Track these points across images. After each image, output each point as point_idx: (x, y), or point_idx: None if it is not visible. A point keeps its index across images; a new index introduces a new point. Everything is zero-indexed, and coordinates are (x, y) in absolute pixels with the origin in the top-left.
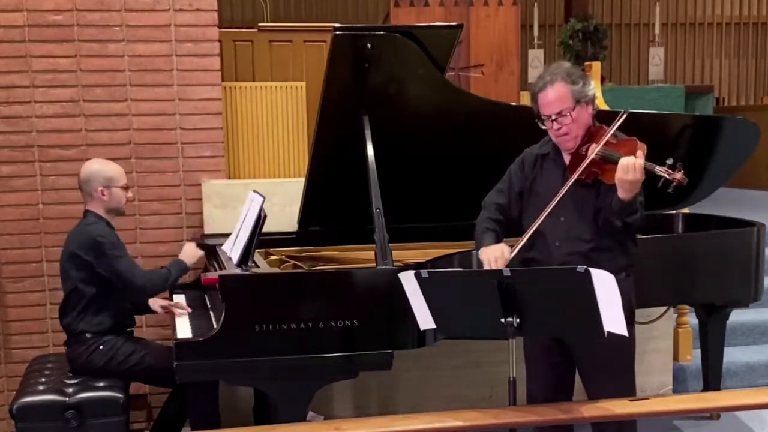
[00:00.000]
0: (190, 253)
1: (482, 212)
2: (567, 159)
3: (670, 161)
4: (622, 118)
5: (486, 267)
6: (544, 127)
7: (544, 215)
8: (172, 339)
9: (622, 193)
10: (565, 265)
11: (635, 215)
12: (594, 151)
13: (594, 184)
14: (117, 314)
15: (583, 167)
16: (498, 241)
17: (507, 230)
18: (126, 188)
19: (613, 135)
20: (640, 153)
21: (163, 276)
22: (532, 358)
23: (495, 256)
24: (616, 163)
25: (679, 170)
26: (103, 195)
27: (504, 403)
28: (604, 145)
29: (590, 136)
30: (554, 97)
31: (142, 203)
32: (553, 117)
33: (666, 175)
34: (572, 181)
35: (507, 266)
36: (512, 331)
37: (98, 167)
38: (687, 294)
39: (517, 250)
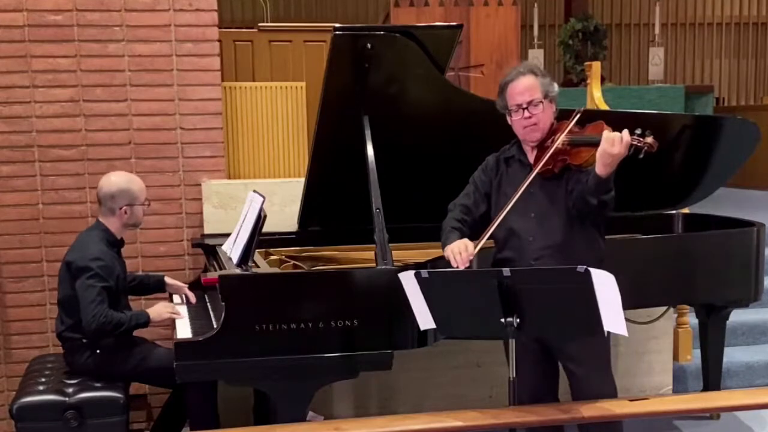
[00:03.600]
0: (159, 310)
1: (449, 214)
2: (532, 157)
3: (638, 131)
4: (578, 115)
5: (452, 262)
6: (510, 119)
7: (510, 206)
8: (172, 339)
9: (600, 168)
10: (539, 259)
11: (610, 193)
12: (559, 139)
13: (562, 175)
14: None
15: (549, 155)
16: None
17: (473, 230)
18: (147, 203)
19: (577, 126)
20: (609, 131)
21: (118, 321)
22: (516, 359)
23: (458, 249)
24: (585, 144)
25: (649, 135)
26: (126, 213)
27: (504, 403)
28: (569, 134)
29: (554, 131)
30: (526, 86)
31: None
32: (524, 105)
33: (636, 143)
34: (538, 170)
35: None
36: (512, 331)
37: (126, 185)
38: (687, 294)
39: (482, 242)
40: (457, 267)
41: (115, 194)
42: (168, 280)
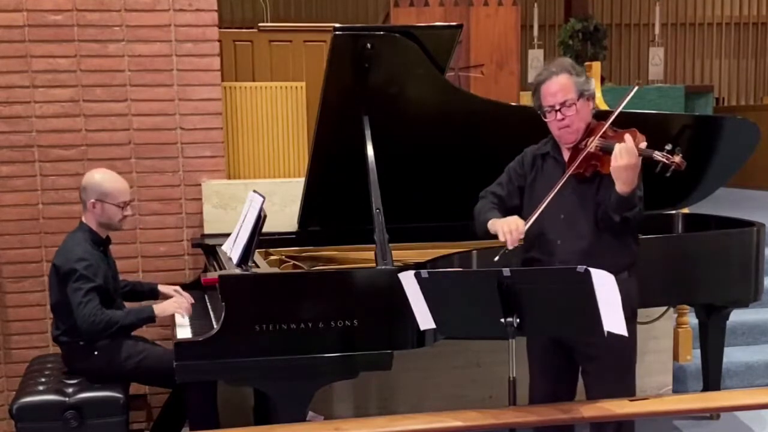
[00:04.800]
0: (165, 306)
1: (481, 201)
2: (566, 156)
3: (668, 146)
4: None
5: (501, 237)
6: (545, 120)
7: (551, 196)
8: (172, 339)
9: (619, 186)
10: (566, 262)
11: (634, 210)
12: (592, 142)
13: (594, 179)
14: None
15: (582, 158)
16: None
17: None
18: (124, 206)
19: (612, 129)
20: (640, 140)
21: (109, 318)
22: (534, 360)
23: (510, 227)
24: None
25: (678, 154)
26: (94, 208)
27: (504, 403)
28: (602, 137)
29: (590, 132)
30: (559, 86)
31: (142, 203)
32: (557, 107)
33: (664, 160)
34: (571, 171)
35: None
36: (512, 331)
37: (98, 179)
38: (687, 294)
39: (530, 223)
40: (507, 245)
41: (86, 187)
42: (162, 288)
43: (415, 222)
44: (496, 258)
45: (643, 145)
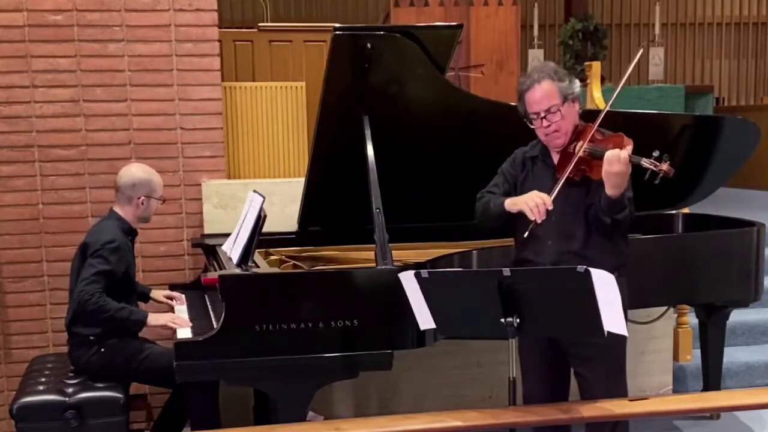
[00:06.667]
0: (158, 315)
1: (481, 200)
2: (556, 159)
3: (656, 153)
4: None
5: (529, 214)
6: (532, 127)
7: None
8: (172, 339)
9: (609, 189)
10: (558, 264)
11: (624, 212)
12: (581, 148)
13: (583, 182)
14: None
15: (572, 165)
16: None
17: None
18: (160, 200)
19: (600, 132)
20: (628, 147)
21: (102, 304)
22: (528, 360)
23: (536, 201)
24: (602, 158)
25: (665, 161)
26: (142, 204)
27: (504, 403)
28: (591, 141)
29: (578, 134)
30: (542, 94)
31: None
32: (542, 114)
33: (652, 167)
34: (564, 179)
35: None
36: (512, 331)
37: (146, 176)
38: (687, 294)
39: (554, 195)
40: (535, 220)
41: (136, 183)
42: (153, 294)
43: (415, 222)
44: (526, 234)
45: (629, 149)
